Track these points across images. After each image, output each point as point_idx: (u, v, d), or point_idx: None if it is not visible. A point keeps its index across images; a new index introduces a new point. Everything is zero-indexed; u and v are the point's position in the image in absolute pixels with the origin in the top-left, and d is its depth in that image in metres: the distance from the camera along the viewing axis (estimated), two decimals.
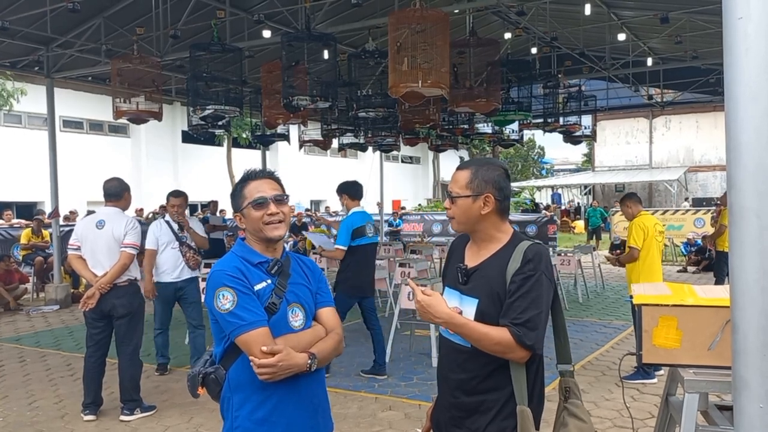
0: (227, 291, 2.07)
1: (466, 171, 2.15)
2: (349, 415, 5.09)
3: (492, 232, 2.14)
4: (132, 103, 9.20)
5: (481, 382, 2.07)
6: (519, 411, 2.01)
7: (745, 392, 1.43)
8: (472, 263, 2.16)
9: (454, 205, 2.14)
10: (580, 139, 13.39)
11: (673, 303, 2.54)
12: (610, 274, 13.95)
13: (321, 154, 29.55)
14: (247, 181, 2.23)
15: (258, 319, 2.06)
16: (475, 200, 2.10)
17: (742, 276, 1.43)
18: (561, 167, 51.05)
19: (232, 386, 2.14)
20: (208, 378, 2.17)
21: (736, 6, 1.43)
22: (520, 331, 1.95)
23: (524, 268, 2.01)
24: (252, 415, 2.11)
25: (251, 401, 2.12)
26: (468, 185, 2.11)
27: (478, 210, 2.10)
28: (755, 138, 1.41)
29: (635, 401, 5.31)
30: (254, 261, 2.18)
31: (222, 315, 2.07)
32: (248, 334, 2.03)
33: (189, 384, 2.26)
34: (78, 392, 5.47)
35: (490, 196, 2.10)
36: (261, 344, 2.02)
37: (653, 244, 6.05)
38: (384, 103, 9.54)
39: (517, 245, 2.08)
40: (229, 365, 2.15)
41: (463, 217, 2.13)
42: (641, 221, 6.12)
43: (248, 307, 2.06)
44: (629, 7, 11.60)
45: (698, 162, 30.40)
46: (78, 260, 5.11)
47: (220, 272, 2.12)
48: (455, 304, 2.15)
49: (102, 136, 25.15)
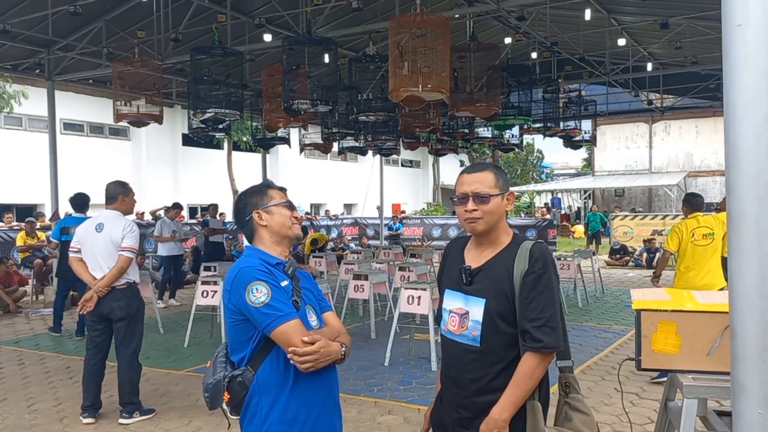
0: (261, 285, 2.09)
1: (489, 172, 2.19)
2: (349, 419, 5.09)
3: (502, 231, 2.19)
4: (133, 106, 9.22)
5: (491, 381, 2.10)
6: (530, 405, 2.05)
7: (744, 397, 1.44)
8: (475, 264, 2.18)
9: (485, 205, 2.13)
10: (580, 143, 13.40)
11: (672, 308, 2.54)
12: (609, 278, 13.94)
13: (321, 158, 29.56)
14: (268, 188, 2.35)
15: (293, 311, 2.09)
16: (503, 198, 2.17)
17: (741, 281, 1.44)
18: (561, 171, 51.06)
19: (261, 387, 2.11)
20: (234, 381, 2.12)
21: (736, 13, 1.44)
22: (537, 341, 2.01)
23: (534, 267, 2.06)
24: (283, 416, 2.10)
25: (280, 401, 2.11)
26: (496, 184, 2.16)
27: (504, 208, 2.18)
28: (754, 144, 1.42)
29: (634, 406, 5.30)
30: (272, 262, 2.22)
31: (257, 308, 2.06)
32: (287, 324, 2.05)
33: (209, 394, 2.16)
34: (77, 395, 5.46)
35: (513, 193, 2.23)
36: (300, 334, 2.04)
37: (691, 248, 5.92)
38: (384, 107, 9.56)
39: (521, 245, 2.13)
40: (258, 366, 2.12)
41: (494, 217, 2.15)
42: (679, 225, 6.10)
43: (282, 300, 2.09)
44: (629, 12, 11.64)
45: (698, 167, 30.42)
46: (78, 263, 5.11)
47: (249, 268, 2.13)
48: (459, 305, 2.17)
49: (102, 138, 25.16)
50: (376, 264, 9.87)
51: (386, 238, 20.66)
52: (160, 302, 10.56)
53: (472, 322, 2.13)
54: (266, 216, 2.25)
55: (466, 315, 2.14)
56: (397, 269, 8.99)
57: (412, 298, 6.70)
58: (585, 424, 2.14)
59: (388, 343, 6.82)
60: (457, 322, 2.17)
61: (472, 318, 2.13)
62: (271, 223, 2.25)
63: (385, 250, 13.69)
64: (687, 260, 5.97)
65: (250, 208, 2.28)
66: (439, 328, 2.31)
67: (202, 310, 8.15)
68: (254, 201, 2.28)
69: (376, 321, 8.41)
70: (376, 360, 6.83)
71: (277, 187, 2.36)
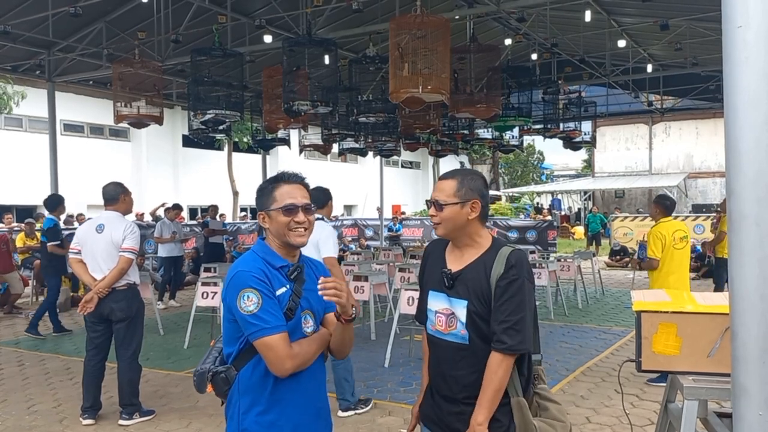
0: (252, 293, 2.08)
1: (452, 180, 2.29)
2: (348, 421, 5.08)
3: (474, 237, 2.28)
4: (133, 107, 9.23)
5: (479, 377, 2.18)
6: (514, 402, 2.17)
7: (745, 399, 1.44)
8: (455, 267, 2.28)
9: (441, 212, 2.26)
10: (580, 144, 13.41)
11: (673, 310, 2.55)
12: (609, 280, 13.94)
13: (321, 159, 29.54)
14: (280, 183, 2.23)
15: (280, 324, 2.08)
16: (462, 206, 2.25)
17: (742, 283, 1.44)
18: (561, 173, 51.03)
19: (242, 388, 2.15)
20: (217, 377, 2.17)
21: (736, 15, 1.44)
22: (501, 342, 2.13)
23: (508, 273, 2.17)
24: (260, 417, 2.12)
25: (259, 404, 2.13)
26: (456, 193, 2.26)
27: (465, 216, 2.25)
28: (754, 145, 1.42)
29: (635, 408, 5.30)
30: (276, 264, 2.19)
31: (244, 316, 2.07)
32: (270, 337, 2.05)
33: (196, 380, 2.24)
34: (77, 396, 5.46)
35: (477, 202, 2.27)
36: (282, 349, 2.05)
37: (671, 252, 5.87)
38: (384, 108, 9.56)
39: (499, 250, 2.23)
40: (242, 366, 2.15)
41: (450, 223, 2.26)
42: (659, 229, 5.94)
43: (271, 311, 2.08)
44: (629, 14, 11.64)
45: (698, 168, 30.42)
46: (78, 264, 5.11)
47: (246, 273, 2.12)
48: (444, 306, 2.27)
49: (103, 139, 25.17)
50: (376, 265, 9.87)
51: (386, 239, 20.67)
52: (160, 303, 10.56)
53: (459, 322, 2.23)
54: (268, 219, 2.21)
55: (453, 315, 2.24)
56: (397, 270, 8.99)
57: (412, 299, 6.69)
58: (560, 412, 2.26)
59: (388, 344, 6.82)
60: (444, 322, 2.28)
61: (459, 318, 2.23)
62: (271, 226, 2.21)
63: (385, 251, 13.68)
64: (668, 265, 5.92)
65: (258, 206, 2.26)
66: (426, 327, 2.38)
67: (202, 312, 8.15)
68: (261, 202, 2.24)
69: (376, 322, 8.41)
70: (376, 361, 6.83)
71: (291, 181, 2.23)
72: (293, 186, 2.22)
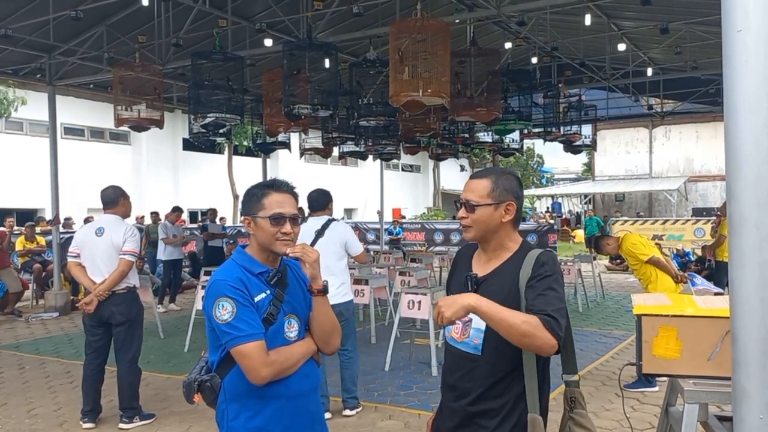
0: (227, 302, 2.07)
1: (486, 180, 2.14)
2: (349, 424, 5.08)
3: (505, 241, 2.15)
4: (133, 111, 9.23)
5: (487, 390, 2.07)
6: (531, 419, 2.00)
7: (745, 403, 1.43)
8: (482, 272, 2.15)
9: (472, 214, 2.12)
10: (580, 148, 13.42)
11: (673, 313, 2.54)
12: (610, 283, 13.93)
13: (321, 162, 29.54)
14: (270, 191, 2.19)
15: (255, 332, 2.06)
16: (496, 208, 2.11)
17: (742, 286, 1.44)
18: (561, 176, 51.05)
19: (228, 396, 2.15)
20: (203, 386, 2.18)
21: (736, 18, 1.44)
22: (549, 319, 1.92)
23: (540, 270, 2.02)
24: (248, 423, 2.12)
25: (247, 410, 2.13)
26: (489, 194, 2.11)
27: (499, 218, 2.11)
28: (754, 149, 1.42)
29: (635, 411, 5.29)
30: (255, 271, 2.17)
31: (219, 325, 2.07)
32: (244, 346, 2.04)
33: (185, 390, 2.25)
34: (77, 400, 5.45)
35: (513, 203, 2.12)
36: (256, 357, 2.04)
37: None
38: (385, 111, 9.56)
39: (528, 252, 2.10)
40: (225, 374, 2.16)
41: (483, 226, 2.12)
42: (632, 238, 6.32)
43: (246, 320, 2.06)
44: (629, 17, 11.65)
45: (698, 172, 30.40)
46: (77, 267, 5.11)
47: (221, 282, 2.12)
48: None
49: (103, 143, 25.19)
50: (376, 268, 9.86)
51: (386, 242, 20.66)
52: (160, 306, 10.56)
53: (474, 330, 2.11)
54: (253, 225, 2.18)
55: (469, 323, 2.11)
56: (398, 274, 8.99)
57: (412, 303, 6.69)
58: None
59: (388, 348, 6.81)
60: (459, 329, 2.15)
61: (474, 326, 2.10)
62: (257, 233, 2.18)
63: (385, 254, 13.67)
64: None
65: (244, 209, 2.25)
66: (444, 333, 2.29)
67: (202, 315, 8.12)
68: (247, 207, 2.22)
69: (377, 326, 8.41)
70: (377, 365, 6.82)
71: (281, 189, 2.20)
72: (283, 195, 2.19)
